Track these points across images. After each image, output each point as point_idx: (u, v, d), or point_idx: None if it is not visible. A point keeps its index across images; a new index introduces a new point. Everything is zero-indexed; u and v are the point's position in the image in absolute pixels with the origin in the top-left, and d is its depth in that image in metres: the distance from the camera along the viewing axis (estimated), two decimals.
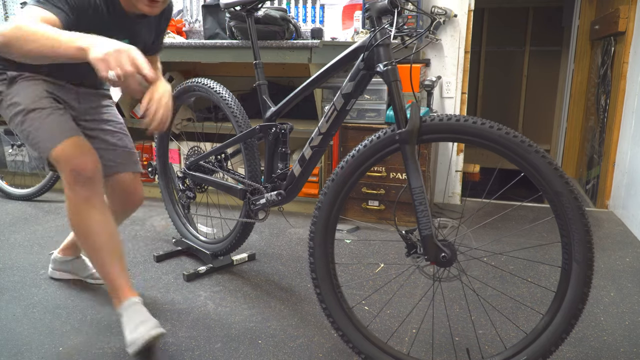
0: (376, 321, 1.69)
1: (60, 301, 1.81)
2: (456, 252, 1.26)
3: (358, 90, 1.38)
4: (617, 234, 2.56)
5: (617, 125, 2.88)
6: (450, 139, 1.24)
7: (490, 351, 1.53)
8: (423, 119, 1.25)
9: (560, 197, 1.15)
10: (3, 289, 1.91)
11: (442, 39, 2.90)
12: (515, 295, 1.88)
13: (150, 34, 1.66)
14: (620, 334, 1.62)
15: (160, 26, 1.70)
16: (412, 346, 1.55)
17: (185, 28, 3.34)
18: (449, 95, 2.96)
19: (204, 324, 1.66)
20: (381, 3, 1.26)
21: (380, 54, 1.28)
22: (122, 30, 1.49)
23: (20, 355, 1.48)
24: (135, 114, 3.19)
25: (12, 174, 3.38)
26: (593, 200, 3.20)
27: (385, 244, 2.38)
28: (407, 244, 1.31)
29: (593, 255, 1.16)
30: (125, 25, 1.51)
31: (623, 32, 2.80)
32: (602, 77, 3.18)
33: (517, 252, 2.25)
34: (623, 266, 2.16)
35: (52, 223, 2.67)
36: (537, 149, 1.17)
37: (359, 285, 1.96)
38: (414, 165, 1.23)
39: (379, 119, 2.59)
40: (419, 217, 1.23)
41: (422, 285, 1.96)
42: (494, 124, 1.20)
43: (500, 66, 5.27)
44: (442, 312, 1.73)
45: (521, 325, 1.66)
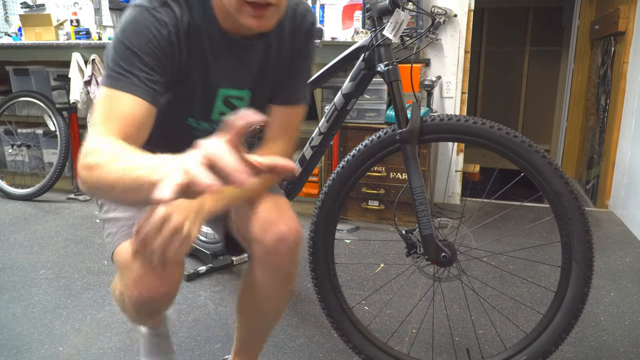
0: (376, 321, 1.69)
1: (60, 301, 1.81)
2: (456, 252, 1.26)
3: (359, 90, 1.38)
4: (617, 234, 2.56)
5: (617, 125, 2.88)
6: (451, 139, 1.25)
7: (490, 351, 1.53)
8: (424, 119, 1.25)
9: (560, 197, 1.15)
10: (3, 289, 1.91)
11: (442, 39, 2.90)
12: (515, 295, 1.88)
13: (276, 69, 1.05)
14: (620, 334, 1.62)
15: (295, 55, 1.05)
16: (412, 346, 1.54)
17: None
18: (449, 95, 2.96)
19: (204, 324, 1.66)
20: (382, 3, 1.26)
21: (381, 54, 1.28)
22: (229, 72, 0.99)
23: (20, 355, 1.48)
24: None
25: (12, 174, 3.38)
26: (593, 200, 3.20)
27: (385, 244, 2.37)
28: (407, 243, 1.31)
29: (593, 255, 1.16)
30: (234, 58, 0.99)
31: (623, 32, 2.80)
32: (602, 77, 3.18)
33: (517, 252, 2.25)
34: (623, 266, 2.16)
35: (52, 223, 2.67)
36: (538, 149, 1.17)
37: (359, 285, 1.96)
38: (415, 165, 1.23)
39: (379, 119, 2.59)
40: (420, 217, 1.23)
41: (422, 285, 1.96)
42: (495, 124, 1.20)
43: (500, 66, 5.26)
44: (442, 312, 1.73)
45: (521, 325, 1.66)
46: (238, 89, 1.00)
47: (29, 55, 3.02)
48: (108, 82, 0.84)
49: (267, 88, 1.04)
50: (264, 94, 1.04)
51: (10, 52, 3.06)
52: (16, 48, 3.04)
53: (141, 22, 0.86)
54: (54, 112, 3.03)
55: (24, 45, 3.02)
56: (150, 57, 0.85)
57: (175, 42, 0.89)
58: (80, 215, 2.80)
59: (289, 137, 1.09)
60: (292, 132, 1.10)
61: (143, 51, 0.85)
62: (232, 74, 0.98)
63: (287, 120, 1.08)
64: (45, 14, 3.15)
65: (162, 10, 0.88)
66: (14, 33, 3.48)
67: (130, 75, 0.84)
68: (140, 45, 0.85)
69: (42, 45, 2.98)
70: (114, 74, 0.84)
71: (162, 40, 0.86)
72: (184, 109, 1.00)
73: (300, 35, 1.04)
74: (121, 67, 0.84)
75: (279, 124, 1.07)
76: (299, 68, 1.07)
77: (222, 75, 0.97)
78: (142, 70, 0.85)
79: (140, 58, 0.84)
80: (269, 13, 0.87)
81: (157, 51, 0.86)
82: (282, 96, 1.07)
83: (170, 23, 0.88)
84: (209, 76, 0.96)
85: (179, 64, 0.91)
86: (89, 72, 2.80)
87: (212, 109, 1.00)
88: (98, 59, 2.83)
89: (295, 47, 1.04)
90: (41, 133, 3.28)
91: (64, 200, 3.08)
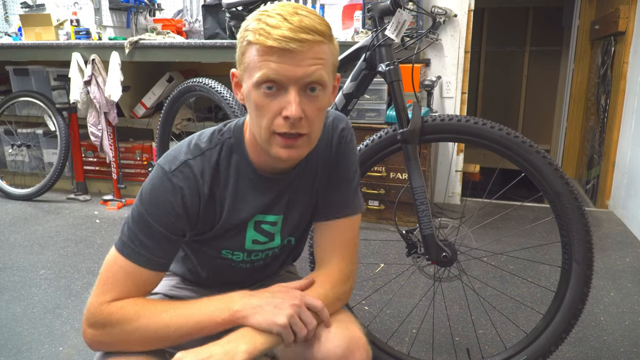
0: (376, 321, 1.69)
1: (60, 301, 1.81)
2: (457, 252, 1.26)
3: (360, 90, 1.38)
4: (617, 234, 2.56)
5: (617, 125, 2.88)
6: (452, 139, 1.25)
7: (490, 351, 1.53)
8: (424, 119, 1.25)
9: (560, 197, 1.15)
10: (3, 289, 1.91)
11: (442, 39, 2.90)
12: (515, 295, 1.88)
13: (311, 189, 0.99)
14: (620, 334, 1.62)
15: (333, 168, 0.99)
16: (412, 346, 1.55)
17: (185, 28, 3.34)
18: (449, 95, 2.96)
19: None
20: (383, 3, 1.26)
21: (382, 54, 1.28)
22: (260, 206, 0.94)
23: (20, 355, 1.48)
24: (135, 113, 3.19)
25: (12, 174, 3.38)
26: (593, 200, 3.20)
27: (386, 244, 2.37)
28: (407, 243, 1.31)
29: (593, 255, 1.17)
30: (265, 193, 0.94)
31: (623, 32, 2.80)
32: (602, 77, 3.18)
33: (517, 252, 2.25)
34: (623, 266, 2.16)
35: (52, 223, 2.67)
36: (538, 150, 1.17)
37: (359, 285, 1.96)
38: (416, 165, 1.24)
39: (379, 119, 2.59)
40: (420, 217, 1.23)
41: (422, 285, 1.96)
42: (495, 124, 1.20)
43: (500, 66, 5.26)
44: (443, 312, 1.73)
45: (521, 325, 1.66)
46: (271, 215, 0.95)
47: (29, 55, 3.02)
48: (122, 250, 0.85)
49: (300, 209, 0.98)
50: (296, 215, 0.98)
51: (10, 52, 3.06)
52: (16, 48, 3.04)
53: (157, 188, 0.86)
54: (54, 112, 3.03)
55: (24, 45, 3.02)
56: (164, 225, 0.85)
57: (191, 204, 0.87)
58: (80, 215, 2.80)
59: (344, 254, 0.96)
60: (347, 248, 0.97)
61: (157, 220, 0.85)
62: (264, 207, 0.94)
63: (338, 235, 0.97)
64: (45, 14, 3.15)
65: (179, 173, 0.86)
66: (14, 33, 3.48)
67: (142, 247, 0.84)
68: (153, 214, 0.85)
69: (42, 45, 2.98)
70: (128, 242, 0.85)
71: (176, 207, 0.85)
72: (215, 245, 0.97)
73: (334, 145, 0.98)
74: (135, 236, 0.85)
75: (330, 241, 0.97)
76: (341, 179, 0.99)
77: (252, 210, 0.93)
78: (155, 240, 0.85)
79: (153, 228, 0.85)
80: (300, 143, 0.83)
81: (172, 217, 0.85)
82: (327, 211, 0.98)
83: (185, 187, 0.86)
84: (240, 214, 0.92)
85: (197, 218, 0.89)
86: (89, 72, 2.80)
87: (245, 238, 0.96)
88: (98, 59, 2.83)
89: (332, 159, 0.98)
90: (41, 133, 3.28)
91: (64, 200, 3.08)
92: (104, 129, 2.93)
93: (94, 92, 2.83)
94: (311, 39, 0.78)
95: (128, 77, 2.90)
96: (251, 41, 0.79)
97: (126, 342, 0.82)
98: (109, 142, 2.97)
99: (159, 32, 3.12)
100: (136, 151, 3.16)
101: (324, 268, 0.95)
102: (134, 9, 3.16)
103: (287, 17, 0.78)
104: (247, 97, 0.84)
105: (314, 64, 0.79)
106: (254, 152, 0.90)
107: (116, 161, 3.03)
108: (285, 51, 0.77)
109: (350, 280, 0.97)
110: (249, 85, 0.82)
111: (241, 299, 0.82)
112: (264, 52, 0.78)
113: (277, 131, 0.81)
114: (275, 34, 0.76)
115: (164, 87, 3.15)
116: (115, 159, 3.02)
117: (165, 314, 0.81)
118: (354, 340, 0.86)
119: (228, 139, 0.91)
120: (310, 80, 0.80)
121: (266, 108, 0.80)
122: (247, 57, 0.81)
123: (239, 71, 0.85)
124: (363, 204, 1.03)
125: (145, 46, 2.78)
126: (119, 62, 2.79)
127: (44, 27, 3.12)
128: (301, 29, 0.77)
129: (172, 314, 0.81)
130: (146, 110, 3.16)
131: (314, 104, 0.82)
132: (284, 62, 0.77)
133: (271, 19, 0.78)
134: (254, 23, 0.80)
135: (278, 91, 0.80)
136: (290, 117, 0.79)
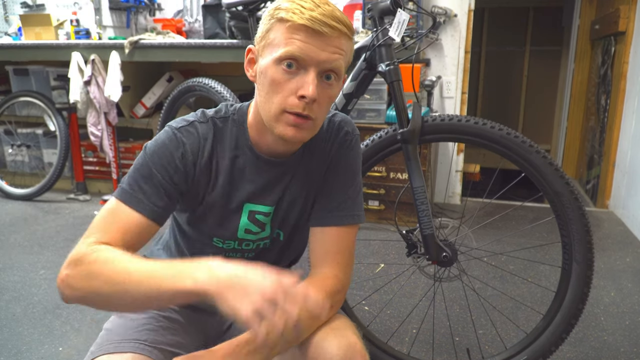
0: (376, 321, 1.69)
1: (60, 301, 1.81)
2: (457, 252, 1.26)
3: (360, 90, 1.38)
4: (617, 234, 2.56)
5: (618, 125, 2.88)
6: (452, 139, 1.25)
7: (490, 351, 1.53)
8: (425, 119, 1.25)
9: (560, 198, 1.15)
10: (3, 289, 1.90)
11: (442, 39, 2.90)
12: (515, 295, 1.88)
13: (308, 186, 0.98)
14: (620, 334, 1.62)
15: (331, 169, 0.98)
16: (412, 346, 1.54)
17: (185, 28, 3.34)
18: (449, 95, 2.96)
19: None
20: (383, 3, 1.26)
21: (383, 54, 1.28)
22: (256, 190, 0.94)
23: (20, 355, 1.48)
24: (135, 113, 3.19)
25: (12, 174, 3.38)
26: (593, 200, 3.20)
27: (386, 244, 2.37)
28: (407, 243, 1.31)
29: (593, 255, 1.16)
30: (262, 176, 0.94)
31: (623, 32, 2.80)
32: (602, 77, 3.18)
33: (518, 252, 2.25)
34: (623, 266, 2.16)
35: (52, 223, 2.67)
36: (538, 150, 1.17)
37: (359, 285, 1.96)
38: (416, 165, 1.23)
39: (379, 119, 2.59)
40: (421, 217, 1.23)
41: (423, 285, 1.96)
42: (495, 124, 1.20)
43: (500, 66, 5.26)
44: (443, 312, 1.73)
45: (521, 325, 1.66)
46: (264, 205, 0.95)
47: (29, 55, 3.02)
48: (120, 195, 0.85)
49: (290, 201, 0.97)
50: (285, 207, 0.97)
51: (10, 52, 3.06)
52: (16, 48, 3.04)
53: (162, 141, 0.88)
54: (53, 112, 3.03)
55: (24, 45, 3.02)
56: (163, 174, 0.86)
57: (191, 161, 0.88)
58: (80, 215, 2.80)
59: (338, 263, 0.94)
60: (342, 257, 0.95)
61: (157, 168, 0.86)
62: (259, 191, 0.94)
63: (334, 244, 0.95)
64: (45, 14, 3.14)
65: (185, 131, 0.88)
66: (14, 33, 3.48)
67: (140, 192, 0.84)
68: (155, 162, 0.86)
69: (42, 45, 2.98)
70: (126, 188, 0.85)
71: (177, 159, 0.87)
72: (206, 227, 0.96)
73: (335, 145, 0.97)
74: (135, 182, 0.85)
75: (326, 248, 0.95)
76: (339, 184, 0.97)
77: (249, 192, 0.93)
78: (153, 186, 0.85)
79: (153, 175, 0.85)
80: (307, 125, 0.84)
81: (171, 168, 0.86)
82: (324, 217, 0.96)
83: (188, 143, 0.88)
84: (234, 193, 0.92)
85: (192, 179, 0.90)
86: (89, 72, 2.80)
87: (238, 226, 0.95)
88: (98, 58, 2.82)
89: (331, 159, 0.97)
90: (41, 133, 3.28)
91: (64, 200, 3.08)
92: (103, 129, 2.93)
93: (93, 92, 2.83)
94: (340, 29, 0.81)
95: (128, 77, 2.90)
96: (283, 17, 0.81)
97: (89, 288, 0.76)
98: (109, 142, 2.97)
99: (159, 32, 3.12)
100: (136, 151, 3.16)
101: (318, 275, 0.93)
102: (134, 8, 3.16)
103: (320, 5, 0.81)
104: (263, 73, 0.84)
105: (337, 52, 0.82)
106: (255, 133, 0.92)
107: (116, 161, 3.03)
108: (315, 32, 0.80)
109: (345, 288, 0.96)
110: (268, 60, 0.83)
111: (209, 270, 0.70)
112: (293, 30, 0.80)
113: (289, 110, 0.82)
114: (310, 15, 0.79)
115: (164, 87, 3.15)
116: (115, 159, 3.02)
117: (132, 264, 0.75)
118: (350, 347, 0.84)
119: (232, 114, 0.94)
120: (330, 67, 0.82)
121: (282, 85, 0.82)
122: (273, 33, 0.83)
123: (258, 47, 0.87)
124: (363, 214, 0.99)
125: (145, 46, 2.78)
126: (118, 62, 2.79)
127: (44, 27, 3.12)
128: (333, 17, 0.81)
129: (139, 266, 0.74)
130: (146, 110, 3.16)
131: (326, 91, 0.84)
132: (310, 43, 0.80)
133: (305, 2, 0.81)
134: (286, 3, 0.82)
135: (297, 70, 0.82)
136: (307, 96, 0.80)
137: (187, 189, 0.90)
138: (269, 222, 0.97)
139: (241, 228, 0.95)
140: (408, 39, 1.39)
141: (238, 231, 0.96)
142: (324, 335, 0.85)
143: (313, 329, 0.86)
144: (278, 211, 0.97)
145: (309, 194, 0.98)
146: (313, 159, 0.97)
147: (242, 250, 0.99)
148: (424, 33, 1.35)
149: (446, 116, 1.23)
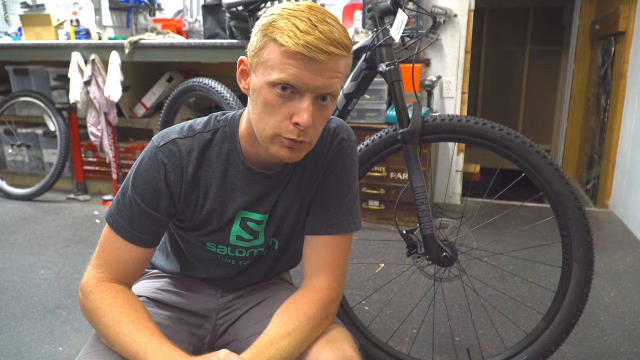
0: (376, 321, 1.69)
1: (60, 301, 1.81)
2: (457, 252, 1.26)
3: (360, 90, 1.38)
4: (617, 234, 2.56)
5: (618, 125, 2.88)
6: (452, 139, 1.25)
7: (490, 351, 1.53)
8: (425, 119, 1.25)
9: (560, 198, 1.15)
10: (3, 289, 1.90)
11: (442, 39, 2.90)
12: (515, 295, 1.88)
13: (302, 194, 0.96)
14: (620, 334, 1.62)
15: (326, 176, 0.96)
16: (412, 346, 1.54)
17: (185, 28, 3.34)
18: (449, 95, 2.96)
19: None
20: (384, 3, 1.26)
21: (383, 54, 1.28)
22: (247, 200, 0.93)
23: (20, 355, 1.48)
24: (135, 113, 3.19)
25: (12, 174, 3.38)
26: (593, 200, 3.20)
27: (386, 244, 2.37)
28: (407, 243, 1.31)
29: (593, 256, 1.16)
30: (253, 187, 0.92)
31: (623, 31, 2.80)
32: (603, 77, 3.18)
33: (518, 252, 2.25)
34: (623, 266, 2.16)
35: (52, 223, 2.67)
36: (538, 150, 1.17)
37: (359, 285, 1.96)
38: (416, 165, 1.23)
39: (379, 119, 2.59)
40: (421, 217, 1.23)
41: (423, 285, 1.96)
42: (495, 124, 1.20)
43: (500, 66, 5.26)
44: (443, 312, 1.73)
45: (521, 325, 1.66)
46: (257, 213, 0.94)
47: (29, 55, 3.02)
48: (109, 220, 0.89)
49: (283, 210, 0.96)
50: (279, 216, 0.96)
51: (10, 52, 3.06)
52: (16, 48, 3.04)
53: (144, 163, 0.88)
54: (53, 112, 3.03)
55: (24, 45, 3.02)
56: (147, 201, 0.87)
57: (174, 180, 0.87)
58: (80, 215, 2.80)
59: (332, 272, 0.93)
60: (336, 266, 0.94)
61: (140, 196, 0.87)
62: (252, 201, 0.93)
63: (328, 253, 0.94)
64: (45, 14, 3.14)
65: (166, 149, 0.87)
66: (14, 33, 3.48)
67: (129, 224, 0.87)
68: (139, 190, 0.87)
69: (42, 45, 2.98)
70: (116, 216, 0.88)
71: (160, 183, 0.87)
72: (199, 237, 0.96)
73: (330, 153, 0.95)
74: (124, 210, 0.88)
75: (319, 257, 0.94)
76: (334, 191, 0.95)
77: (241, 204, 0.92)
78: (140, 214, 0.87)
79: (139, 206, 0.87)
80: (302, 147, 0.83)
81: (155, 192, 0.87)
82: (318, 225, 0.95)
83: (169, 163, 0.87)
84: (227, 205, 0.92)
85: (179, 198, 0.90)
86: (89, 72, 2.80)
87: (230, 232, 0.95)
88: (98, 58, 2.82)
89: (326, 167, 0.95)
90: (41, 133, 3.28)
91: (64, 200, 3.08)
92: (103, 129, 2.93)
93: (93, 92, 2.83)
94: (337, 53, 0.77)
95: (128, 77, 2.90)
96: (277, 40, 0.76)
97: (90, 320, 0.90)
98: (109, 142, 2.97)
99: (159, 32, 3.12)
100: (136, 151, 3.16)
101: (312, 286, 0.92)
102: (134, 8, 3.16)
103: (317, 25, 0.76)
104: (257, 92, 0.82)
105: (334, 77, 0.79)
106: (247, 145, 0.90)
107: (116, 161, 3.03)
108: (311, 60, 0.76)
109: (339, 298, 0.95)
110: (262, 81, 0.80)
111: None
112: (288, 55, 0.76)
113: (284, 135, 0.80)
114: (305, 41, 0.75)
115: (164, 87, 3.15)
116: (115, 159, 3.02)
117: (125, 327, 0.82)
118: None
119: (223, 127, 0.91)
120: (326, 92, 0.80)
121: (277, 109, 0.80)
122: (267, 52, 0.78)
123: (251, 62, 0.82)
124: (359, 221, 0.97)
125: (145, 46, 2.78)
126: (118, 62, 2.79)
127: (44, 27, 3.12)
128: (330, 41, 0.76)
129: (129, 331, 0.82)
130: (146, 110, 3.16)
131: (322, 112, 0.82)
132: (306, 70, 0.76)
133: (301, 23, 0.76)
134: (282, 22, 0.77)
135: (292, 94, 0.79)
136: (302, 125, 0.78)
137: (175, 211, 0.91)
138: (262, 230, 0.96)
139: (233, 234, 0.95)
140: (408, 39, 1.39)
141: (230, 237, 0.95)
142: (319, 348, 0.85)
143: (311, 341, 0.86)
144: (272, 219, 0.96)
145: (304, 202, 0.97)
146: (307, 167, 0.95)
147: (235, 257, 0.99)
148: (424, 33, 1.35)
149: (446, 116, 1.23)
